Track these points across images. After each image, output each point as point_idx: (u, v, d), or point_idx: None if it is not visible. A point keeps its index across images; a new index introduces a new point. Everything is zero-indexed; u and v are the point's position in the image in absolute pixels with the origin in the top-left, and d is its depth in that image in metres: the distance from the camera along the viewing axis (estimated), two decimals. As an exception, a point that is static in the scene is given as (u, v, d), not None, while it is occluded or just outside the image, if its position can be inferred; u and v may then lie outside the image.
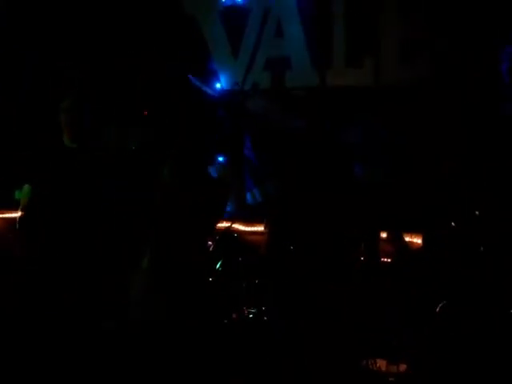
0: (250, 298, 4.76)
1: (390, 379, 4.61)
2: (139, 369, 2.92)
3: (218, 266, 4.85)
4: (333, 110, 6.02)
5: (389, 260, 4.92)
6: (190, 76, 6.55)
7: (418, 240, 4.71)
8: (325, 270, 3.85)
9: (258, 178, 6.28)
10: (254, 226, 5.86)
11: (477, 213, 4.11)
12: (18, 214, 5.16)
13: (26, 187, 4.89)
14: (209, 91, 6.77)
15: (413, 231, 4.74)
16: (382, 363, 4.69)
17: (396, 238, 4.40)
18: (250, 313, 4.64)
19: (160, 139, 5.28)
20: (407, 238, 4.51)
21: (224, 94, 6.76)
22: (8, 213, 6.51)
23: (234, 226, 5.65)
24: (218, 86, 6.80)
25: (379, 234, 4.28)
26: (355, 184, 4.30)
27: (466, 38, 5.56)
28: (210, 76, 6.80)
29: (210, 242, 5.17)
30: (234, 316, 4.71)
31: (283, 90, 6.59)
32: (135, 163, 4.70)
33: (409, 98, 5.73)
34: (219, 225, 5.87)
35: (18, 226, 4.65)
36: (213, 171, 6.77)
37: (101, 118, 5.23)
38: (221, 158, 6.86)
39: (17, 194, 5.32)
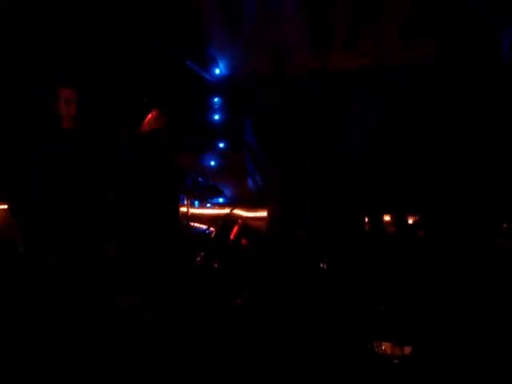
0: (254, 282, 4.74)
1: (395, 362, 4.59)
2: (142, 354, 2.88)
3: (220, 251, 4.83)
4: (334, 94, 5.99)
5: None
6: (188, 62, 6.52)
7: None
8: (330, 250, 3.81)
9: (259, 163, 6.25)
10: (257, 212, 5.83)
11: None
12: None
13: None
14: (207, 77, 6.74)
15: (414, 213, 4.71)
16: (387, 346, 4.68)
17: (399, 220, 4.36)
18: (253, 297, 4.62)
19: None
20: (410, 220, 4.48)
21: (223, 79, 6.73)
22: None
23: (235, 211, 5.62)
24: (217, 71, 6.77)
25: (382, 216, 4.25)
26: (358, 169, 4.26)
27: (468, 20, 5.52)
28: (208, 62, 6.77)
29: (211, 228, 5.16)
30: (238, 301, 4.69)
31: (283, 74, 6.55)
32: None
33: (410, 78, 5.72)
34: (221, 211, 5.88)
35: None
36: (214, 157, 6.84)
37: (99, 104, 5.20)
38: (221, 144, 6.85)
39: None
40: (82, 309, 3.69)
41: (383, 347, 4.57)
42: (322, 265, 3.82)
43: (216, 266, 4.76)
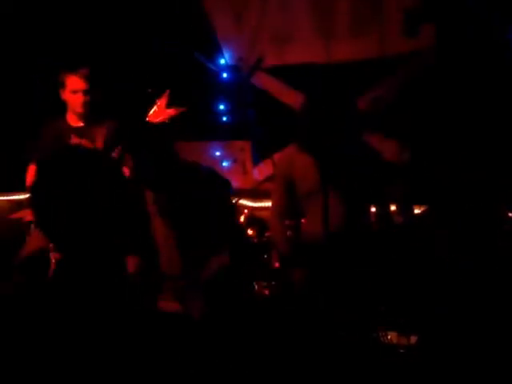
0: (261, 273, 4.77)
1: (401, 351, 4.62)
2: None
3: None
4: (338, 85, 5.98)
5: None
6: (195, 52, 6.54)
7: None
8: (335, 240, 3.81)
9: (264, 152, 6.26)
10: (262, 202, 5.84)
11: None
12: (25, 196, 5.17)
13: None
14: (212, 67, 6.75)
15: (420, 203, 4.73)
16: (392, 335, 4.70)
17: (405, 210, 4.38)
18: (261, 288, 4.65)
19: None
20: (416, 210, 4.50)
21: (228, 69, 6.73)
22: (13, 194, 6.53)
23: (241, 201, 5.63)
24: (222, 61, 6.77)
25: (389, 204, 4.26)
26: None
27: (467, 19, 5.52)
28: (213, 52, 6.77)
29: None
30: (244, 292, 4.71)
31: (287, 64, 6.55)
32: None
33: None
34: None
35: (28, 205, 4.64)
36: (219, 148, 6.85)
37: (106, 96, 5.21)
38: (227, 134, 6.86)
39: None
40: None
41: (388, 336, 4.61)
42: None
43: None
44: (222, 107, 6.83)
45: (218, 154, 6.85)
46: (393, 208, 4.48)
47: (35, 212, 1.88)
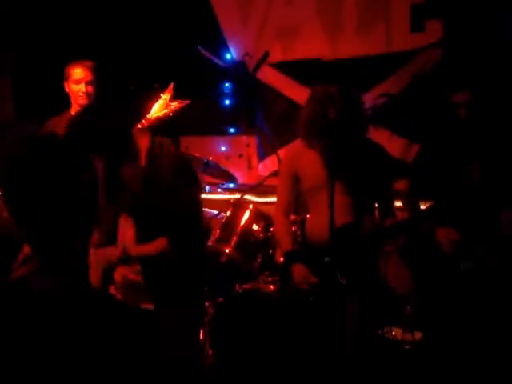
0: (265, 268, 4.77)
1: (406, 347, 4.62)
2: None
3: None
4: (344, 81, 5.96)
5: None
6: (199, 47, 6.51)
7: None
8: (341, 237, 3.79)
9: (270, 147, 6.24)
10: (268, 197, 5.82)
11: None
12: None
13: None
14: (218, 62, 6.72)
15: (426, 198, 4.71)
16: (397, 331, 4.70)
17: (411, 204, 4.38)
18: (265, 283, 4.65)
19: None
20: (422, 206, 4.48)
21: (234, 64, 6.71)
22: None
23: (246, 196, 5.61)
24: (228, 56, 6.74)
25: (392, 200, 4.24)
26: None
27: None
28: (219, 47, 6.74)
29: (222, 214, 5.16)
30: (247, 286, 4.71)
31: (294, 60, 6.52)
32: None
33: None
34: (232, 196, 5.87)
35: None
36: (224, 143, 6.84)
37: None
38: (232, 129, 6.84)
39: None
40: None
41: (393, 332, 4.61)
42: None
43: (227, 251, 4.78)
44: (227, 102, 6.81)
45: (223, 149, 6.84)
46: (398, 204, 4.48)
47: (6, 203, 1.89)
